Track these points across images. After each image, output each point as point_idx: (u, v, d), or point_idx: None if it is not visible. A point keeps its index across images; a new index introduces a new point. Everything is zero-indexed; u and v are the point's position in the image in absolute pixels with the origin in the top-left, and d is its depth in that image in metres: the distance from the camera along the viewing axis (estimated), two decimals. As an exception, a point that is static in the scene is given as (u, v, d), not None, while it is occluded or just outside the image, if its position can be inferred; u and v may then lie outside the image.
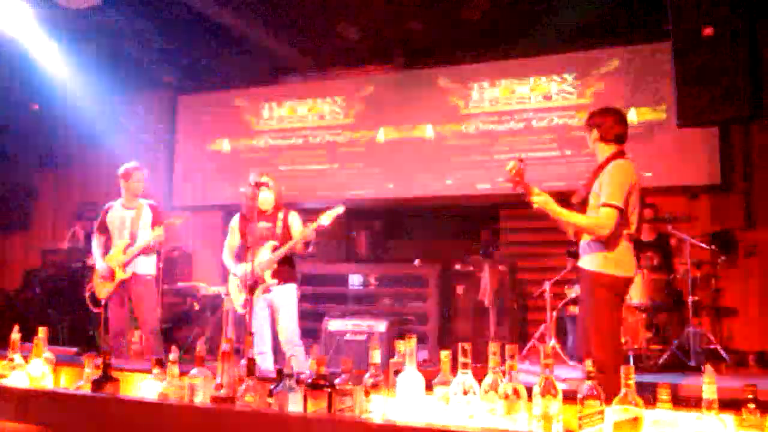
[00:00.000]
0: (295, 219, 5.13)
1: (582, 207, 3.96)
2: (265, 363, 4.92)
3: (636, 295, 6.27)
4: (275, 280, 4.99)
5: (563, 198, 4.07)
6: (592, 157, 4.17)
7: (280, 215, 5.13)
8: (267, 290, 4.98)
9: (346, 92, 9.15)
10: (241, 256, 5.19)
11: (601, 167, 3.90)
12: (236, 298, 5.11)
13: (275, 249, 5.01)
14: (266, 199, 5.11)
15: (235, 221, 5.29)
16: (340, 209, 4.95)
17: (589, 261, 3.82)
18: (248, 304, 4.90)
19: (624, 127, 4.00)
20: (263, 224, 5.10)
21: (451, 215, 8.55)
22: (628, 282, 3.88)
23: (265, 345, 5.06)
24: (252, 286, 4.84)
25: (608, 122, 3.95)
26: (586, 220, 3.78)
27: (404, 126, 8.77)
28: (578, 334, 4.03)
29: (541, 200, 3.81)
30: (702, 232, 6.96)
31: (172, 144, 10.05)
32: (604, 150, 3.95)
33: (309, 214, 5.32)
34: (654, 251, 6.68)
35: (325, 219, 4.91)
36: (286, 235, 5.05)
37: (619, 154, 3.93)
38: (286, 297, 5.07)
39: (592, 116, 4.07)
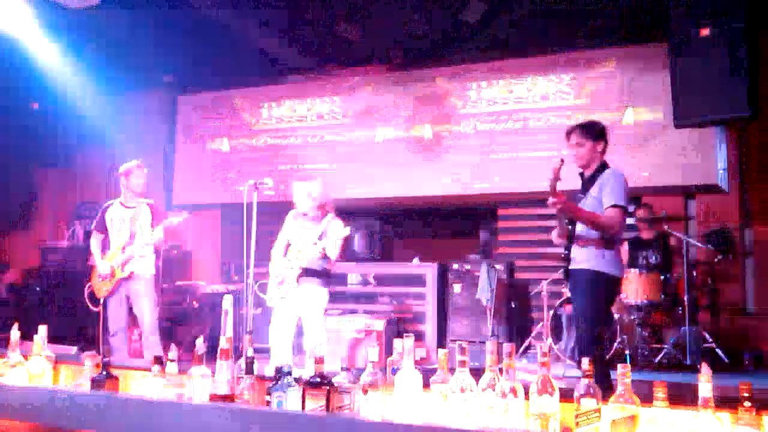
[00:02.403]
0: (335, 227, 4.99)
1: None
2: (284, 361, 4.93)
3: (633, 294, 6.30)
4: (296, 284, 4.99)
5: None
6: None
7: (325, 220, 5.09)
8: (288, 290, 5.00)
9: (344, 92, 9.16)
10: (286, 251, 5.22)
11: (597, 174, 4.16)
12: (270, 290, 5.14)
13: (304, 252, 5.00)
14: (296, 202, 5.18)
15: (289, 217, 5.30)
16: (346, 231, 4.93)
17: (588, 261, 4.02)
18: (272, 299, 5.07)
19: None
20: (307, 224, 5.12)
21: (449, 214, 8.58)
22: (620, 282, 4.20)
23: (284, 343, 5.06)
24: (280, 283, 5.01)
25: (609, 140, 4.28)
26: (602, 218, 4.00)
27: (402, 125, 8.78)
28: (577, 330, 4.13)
29: (561, 202, 4.01)
30: (698, 232, 6.99)
31: (172, 143, 10.06)
32: (597, 159, 4.22)
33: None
34: (653, 250, 6.72)
35: (333, 234, 4.96)
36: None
37: (606, 164, 4.23)
38: (310, 301, 5.04)
39: (600, 129, 4.29)
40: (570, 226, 4.10)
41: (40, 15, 7.24)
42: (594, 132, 4.23)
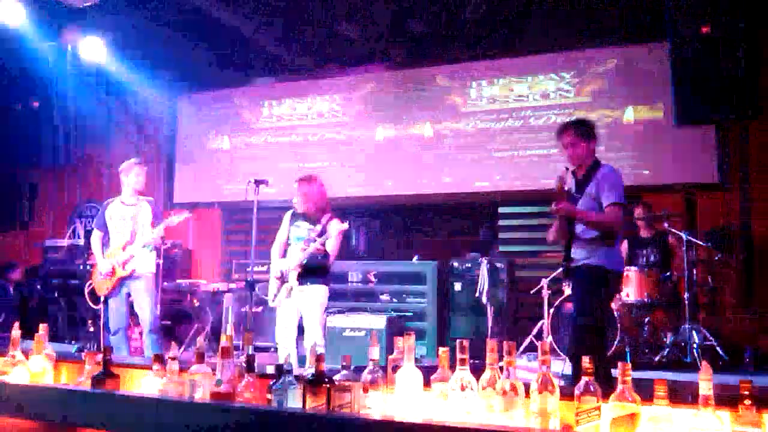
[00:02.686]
0: (334, 226, 5.02)
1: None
2: (289, 359, 4.97)
3: (633, 292, 6.30)
4: (296, 282, 5.03)
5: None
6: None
7: (324, 219, 5.11)
8: (290, 289, 5.03)
9: (345, 90, 9.16)
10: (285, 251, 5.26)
11: (591, 172, 4.16)
12: (271, 289, 5.18)
13: (303, 251, 5.02)
14: (296, 202, 5.21)
15: (286, 216, 5.33)
16: (345, 225, 4.97)
17: (590, 257, 4.05)
18: (274, 298, 5.11)
19: None
20: (304, 225, 5.14)
21: (450, 213, 8.58)
22: (621, 276, 4.32)
23: (288, 340, 5.10)
24: (281, 283, 5.05)
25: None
26: (603, 219, 4.03)
27: (403, 124, 8.78)
28: (574, 329, 4.13)
29: (565, 209, 4.05)
30: (699, 230, 6.99)
31: (173, 142, 10.06)
32: (590, 157, 4.23)
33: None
34: (652, 249, 6.71)
35: (332, 232, 4.99)
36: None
37: (598, 160, 4.24)
38: (311, 299, 5.06)
39: (592, 126, 4.32)
40: (569, 226, 4.11)
41: (40, 12, 7.23)
42: (587, 131, 4.24)
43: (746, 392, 1.85)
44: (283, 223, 5.32)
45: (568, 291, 6.55)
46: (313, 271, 5.06)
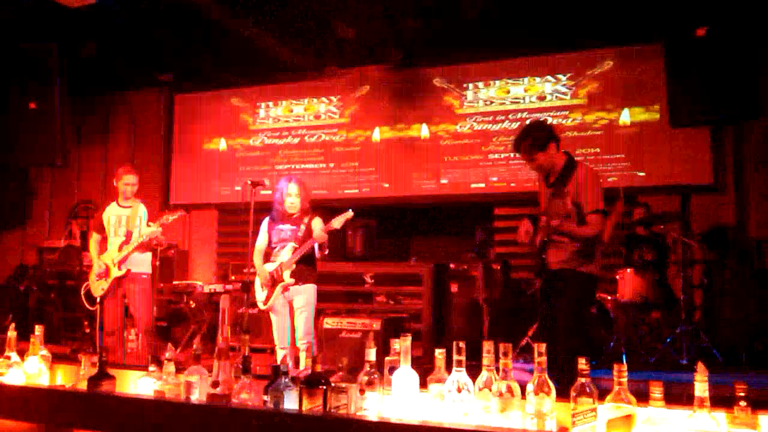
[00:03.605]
0: (317, 224, 5.22)
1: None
2: (286, 360, 5.07)
3: (629, 293, 6.30)
4: (292, 280, 5.14)
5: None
6: (586, 155, 4.29)
7: (306, 219, 5.27)
8: (285, 289, 5.13)
9: (341, 92, 9.17)
10: (268, 256, 5.37)
11: (566, 172, 4.06)
12: (259, 294, 5.28)
13: (295, 250, 5.15)
14: (292, 204, 5.26)
15: (264, 223, 5.45)
16: (349, 214, 5.10)
17: (572, 260, 4.04)
18: (267, 301, 5.21)
19: None
20: (288, 227, 5.27)
21: (446, 214, 8.58)
22: (598, 279, 4.19)
23: (286, 341, 5.22)
24: (272, 284, 5.15)
25: (554, 131, 4.18)
26: (589, 230, 3.97)
27: (399, 125, 8.79)
28: (559, 329, 4.08)
29: (557, 224, 4.01)
30: (694, 231, 7.00)
31: (169, 143, 10.05)
32: (559, 159, 4.13)
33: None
34: (649, 249, 6.72)
35: (336, 223, 5.09)
36: (308, 239, 5.19)
37: (571, 157, 4.13)
38: (304, 297, 5.20)
39: (544, 134, 4.15)
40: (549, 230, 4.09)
41: (38, 12, 7.22)
42: (539, 139, 4.08)
43: (742, 393, 1.85)
44: (261, 232, 5.42)
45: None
46: (304, 269, 5.18)
